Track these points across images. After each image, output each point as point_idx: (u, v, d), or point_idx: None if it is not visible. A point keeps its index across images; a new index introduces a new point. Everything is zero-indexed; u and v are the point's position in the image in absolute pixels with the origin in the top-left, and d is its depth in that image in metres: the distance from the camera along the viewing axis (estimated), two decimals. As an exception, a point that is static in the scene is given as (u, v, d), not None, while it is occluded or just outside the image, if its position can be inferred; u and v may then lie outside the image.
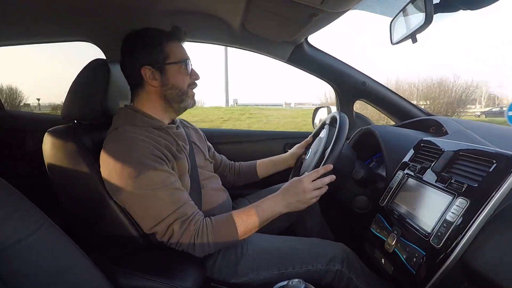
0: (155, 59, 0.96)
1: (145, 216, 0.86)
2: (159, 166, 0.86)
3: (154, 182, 0.84)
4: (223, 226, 0.88)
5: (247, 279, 0.95)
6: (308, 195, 0.92)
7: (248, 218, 0.90)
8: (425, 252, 0.69)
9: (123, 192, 0.85)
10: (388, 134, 1.12)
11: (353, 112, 1.73)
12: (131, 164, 0.84)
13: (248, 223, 0.89)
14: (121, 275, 0.79)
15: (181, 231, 0.84)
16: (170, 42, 0.98)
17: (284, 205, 0.93)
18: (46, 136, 0.96)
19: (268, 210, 0.92)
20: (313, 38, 1.54)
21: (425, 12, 0.77)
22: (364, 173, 1.04)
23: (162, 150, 0.90)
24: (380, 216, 0.91)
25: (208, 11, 1.36)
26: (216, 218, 0.90)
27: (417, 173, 0.86)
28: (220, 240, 0.87)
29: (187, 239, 0.84)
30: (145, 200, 0.84)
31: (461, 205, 0.66)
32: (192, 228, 0.85)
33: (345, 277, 0.97)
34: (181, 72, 0.99)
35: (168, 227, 0.84)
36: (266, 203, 0.93)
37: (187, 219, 0.85)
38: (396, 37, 1.01)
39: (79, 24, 1.45)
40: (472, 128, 1.02)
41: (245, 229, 0.89)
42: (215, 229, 0.86)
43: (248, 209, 0.92)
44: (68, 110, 1.02)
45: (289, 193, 0.93)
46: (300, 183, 0.93)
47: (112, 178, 0.86)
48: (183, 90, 1.00)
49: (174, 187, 0.87)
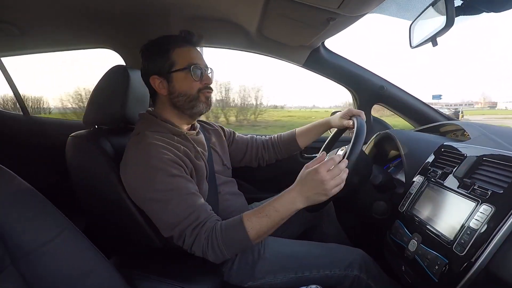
0: (161, 67, 0.97)
1: (162, 221, 0.87)
2: (177, 172, 0.87)
3: (171, 188, 0.85)
4: (233, 231, 0.84)
5: (264, 282, 0.95)
6: (327, 185, 0.81)
7: (259, 220, 0.84)
8: (448, 259, 0.67)
9: (141, 196, 0.87)
10: (408, 138, 1.10)
11: (371, 116, 1.71)
12: (149, 169, 0.85)
13: (260, 226, 0.84)
14: (140, 278, 0.81)
15: (192, 237, 0.84)
16: (177, 48, 0.98)
17: (301, 201, 0.84)
18: (69, 141, 0.99)
19: (282, 209, 0.84)
20: (329, 42, 1.54)
21: (446, 15, 0.76)
22: (383, 178, 1.02)
23: (180, 156, 0.91)
24: (399, 222, 0.90)
25: (226, 17, 1.37)
26: (226, 223, 0.85)
27: (437, 178, 0.84)
28: (232, 246, 0.84)
29: (199, 246, 0.84)
30: (161, 205, 0.85)
31: (485, 212, 0.64)
32: (203, 235, 0.83)
33: (363, 283, 0.95)
34: (187, 79, 0.97)
35: (181, 232, 0.84)
36: (279, 202, 0.85)
37: (198, 225, 0.84)
38: (415, 41, 1.00)
39: (99, 32, 1.49)
40: (495, 133, 0.99)
41: (258, 232, 0.84)
42: (225, 236, 0.83)
43: (260, 210, 0.85)
44: (89, 116, 1.05)
45: (306, 187, 0.83)
46: (316, 174, 0.81)
47: (131, 182, 0.89)
48: (192, 96, 0.98)
49: (189, 192, 0.87)
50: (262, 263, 0.97)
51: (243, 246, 0.86)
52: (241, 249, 0.90)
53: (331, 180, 0.81)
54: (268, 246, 1.02)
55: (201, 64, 0.99)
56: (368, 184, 1.04)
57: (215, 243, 0.83)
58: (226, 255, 0.84)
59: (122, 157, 0.95)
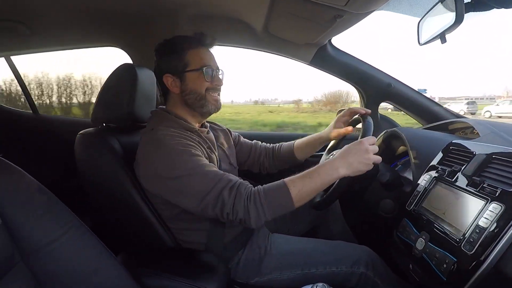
0: (175, 67, 0.99)
1: (193, 194, 0.86)
2: (196, 152, 0.90)
3: (195, 164, 0.86)
4: (275, 189, 0.85)
5: (271, 278, 0.96)
6: (369, 156, 0.86)
7: (301, 181, 0.85)
8: (456, 258, 0.67)
9: (166, 182, 0.88)
10: (415, 136, 1.09)
11: (378, 114, 1.69)
12: (172, 152, 0.87)
13: (302, 186, 0.85)
14: (148, 276, 0.81)
15: (232, 196, 0.83)
16: (192, 49, 0.99)
17: (344, 166, 0.86)
18: (78, 138, 1.00)
19: (325, 174, 0.86)
20: (336, 40, 1.53)
21: (455, 11, 0.75)
22: (390, 176, 1.01)
23: (196, 143, 0.94)
24: (407, 220, 0.89)
25: (232, 15, 1.38)
26: (268, 186, 0.86)
27: (446, 176, 0.84)
28: (274, 206, 0.83)
29: (241, 203, 0.83)
30: (189, 180, 0.85)
31: (495, 210, 0.64)
32: (243, 191, 0.84)
33: (369, 281, 0.96)
34: (199, 78, 0.99)
35: (218, 196, 0.83)
36: (324, 167, 0.87)
37: (235, 185, 0.85)
38: (424, 38, 0.99)
39: (107, 30, 1.51)
40: (505, 131, 0.98)
41: (299, 192, 0.84)
42: (267, 195, 0.83)
43: (302, 174, 0.87)
44: (97, 114, 1.06)
45: (350, 154, 0.87)
46: (361, 144, 0.88)
47: (153, 173, 0.89)
48: (201, 95, 1.00)
49: (212, 165, 0.90)
50: (269, 260, 0.98)
51: (284, 206, 0.85)
52: (282, 210, 0.86)
53: (372, 152, 0.87)
54: (274, 243, 1.02)
55: (213, 66, 1.01)
56: (375, 182, 1.04)
57: (257, 200, 0.83)
58: (267, 214, 0.83)
59: (131, 155, 0.97)
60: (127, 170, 0.95)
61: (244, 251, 0.99)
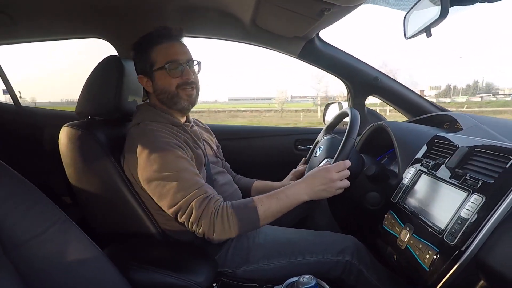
0: (144, 67, 0.99)
1: (168, 196, 0.86)
2: (182, 154, 0.90)
3: (177, 166, 0.87)
4: (244, 209, 0.86)
5: (258, 266, 0.97)
6: (334, 184, 0.90)
7: (269, 202, 0.88)
8: (439, 249, 0.68)
9: (149, 177, 0.88)
10: (401, 129, 1.11)
11: (365, 107, 1.71)
12: (157, 150, 0.87)
13: (269, 208, 0.87)
14: (135, 269, 0.80)
15: (201, 208, 0.84)
16: (157, 46, 0.97)
17: (307, 193, 0.90)
18: (62, 131, 0.98)
19: (291, 197, 0.89)
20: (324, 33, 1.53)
21: (440, 5, 0.75)
22: (376, 169, 1.03)
23: (182, 142, 0.94)
24: (392, 212, 0.91)
25: (219, 7, 1.36)
26: (236, 202, 0.88)
27: (430, 169, 0.85)
28: (240, 222, 0.85)
29: (207, 216, 0.84)
30: (170, 181, 0.86)
31: (476, 202, 0.65)
32: (212, 205, 0.85)
33: (354, 269, 0.98)
34: (166, 76, 0.97)
35: (189, 204, 0.85)
36: (290, 190, 0.90)
37: (207, 198, 0.86)
38: (410, 31, 1.00)
39: (92, 21, 1.47)
40: (487, 124, 1.00)
41: (265, 212, 0.86)
42: (235, 210, 0.85)
43: (270, 194, 0.90)
44: (82, 107, 1.04)
45: (316, 181, 0.90)
46: (328, 172, 0.90)
47: (138, 168, 0.89)
48: (172, 93, 0.98)
49: (194, 172, 0.90)
50: (257, 248, 1.00)
51: (251, 223, 0.87)
52: (248, 228, 0.88)
53: (339, 181, 0.90)
54: (263, 233, 1.04)
55: (180, 59, 0.98)
56: (362, 175, 1.05)
57: (224, 216, 0.84)
58: (233, 230, 0.85)
59: (118, 148, 0.96)
60: (114, 163, 0.94)
61: (232, 241, 1.00)
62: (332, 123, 1.30)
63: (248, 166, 1.56)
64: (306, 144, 1.78)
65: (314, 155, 1.23)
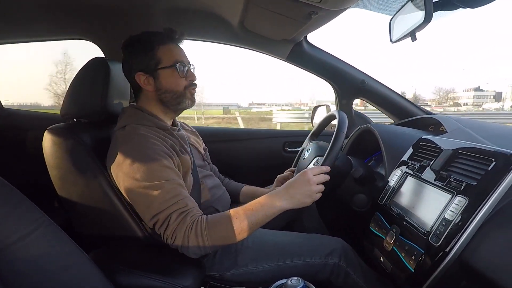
0: (147, 65, 0.97)
1: (149, 206, 0.85)
2: (167, 163, 0.88)
3: (161, 176, 0.85)
4: (219, 224, 0.84)
5: (247, 270, 0.97)
6: (312, 187, 0.86)
7: (245, 214, 0.85)
8: (424, 250, 0.69)
9: (131, 185, 0.86)
10: (387, 132, 1.12)
11: (352, 110, 1.73)
12: (142, 158, 0.86)
13: (245, 222, 0.84)
14: (121, 273, 0.79)
15: (177, 221, 0.83)
16: (162, 45, 0.97)
17: (287, 199, 0.86)
18: (46, 134, 0.95)
19: (267, 207, 0.86)
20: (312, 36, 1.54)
21: (424, 10, 0.77)
22: (363, 171, 1.04)
23: (169, 149, 0.92)
24: (379, 214, 0.91)
25: (207, 9, 1.36)
26: (212, 216, 0.86)
27: (416, 171, 0.86)
28: (215, 238, 0.83)
29: (182, 230, 0.82)
30: (151, 191, 0.84)
31: (460, 204, 0.66)
32: (188, 220, 0.83)
33: (342, 272, 0.98)
34: (174, 76, 0.98)
35: (166, 217, 0.83)
36: (266, 199, 0.87)
37: (185, 211, 0.84)
38: (395, 36, 1.01)
39: (78, 23, 1.45)
40: (471, 127, 1.02)
41: (241, 224, 0.84)
42: (210, 226, 0.83)
43: (246, 207, 0.86)
44: (68, 109, 1.02)
45: (293, 186, 0.88)
46: (304, 174, 0.88)
47: (121, 173, 0.87)
48: (179, 93, 0.99)
49: (179, 183, 0.88)
50: (245, 251, 1.00)
51: (225, 239, 0.84)
52: (223, 242, 0.86)
53: (316, 184, 0.88)
54: (251, 236, 1.03)
55: (185, 61, 1.00)
56: (349, 178, 1.06)
57: (198, 230, 0.82)
58: (207, 246, 0.82)
59: (103, 151, 0.94)
60: (100, 165, 0.92)
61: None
62: (317, 129, 1.31)
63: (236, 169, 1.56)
64: (294, 146, 1.79)
65: (303, 158, 1.23)
